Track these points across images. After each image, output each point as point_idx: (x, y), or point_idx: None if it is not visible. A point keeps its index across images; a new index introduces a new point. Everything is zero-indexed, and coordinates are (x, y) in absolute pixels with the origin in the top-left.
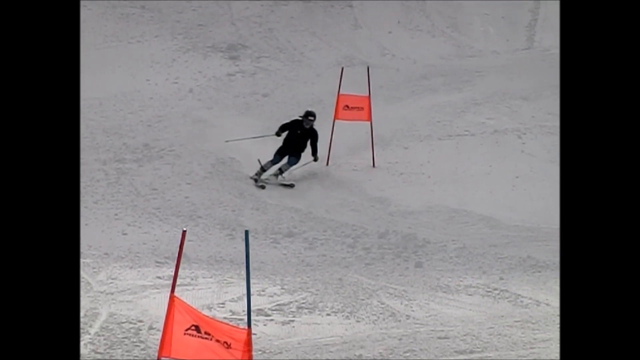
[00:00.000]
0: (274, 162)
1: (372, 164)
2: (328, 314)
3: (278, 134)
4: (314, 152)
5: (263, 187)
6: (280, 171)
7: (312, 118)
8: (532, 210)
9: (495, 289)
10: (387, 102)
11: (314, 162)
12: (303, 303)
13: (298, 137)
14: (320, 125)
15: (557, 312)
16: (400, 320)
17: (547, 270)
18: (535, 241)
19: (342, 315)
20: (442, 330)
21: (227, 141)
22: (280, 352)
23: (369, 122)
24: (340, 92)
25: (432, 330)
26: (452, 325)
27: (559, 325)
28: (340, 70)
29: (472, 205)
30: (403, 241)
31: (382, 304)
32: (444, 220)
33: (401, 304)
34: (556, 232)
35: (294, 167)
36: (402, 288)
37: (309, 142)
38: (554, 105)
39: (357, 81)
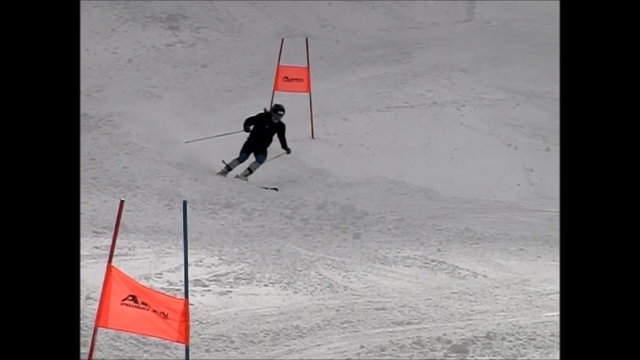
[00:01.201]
0: (240, 160)
1: (311, 136)
2: (266, 285)
3: (247, 129)
4: (284, 145)
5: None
6: (250, 171)
7: (281, 112)
8: (470, 182)
9: (433, 261)
10: (327, 73)
11: (286, 155)
12: (241, 274)
13: (265, 131)
14: (260, 96)
15: (495, 284)
16: (337, 292)
17: (485, 242)
18: (473, 213)
19: (280, 286)
20: (380, 302)
21: (187, 142)
22: (217, 323)
23: (308, 94)
24: (280, 64)
25: (370, 302)
26: (390, 297)
27: (496, 297)
28: (280, 42)
29: (411, 177)
30: (341, 212)
31: (320, 275)
32: (383, 192)
33: (339, 275)
34: (494, 203)
35: (263, 164)
36: (340, 259)
37: (274, 136)
38: (493, 78)
39: (296, 52)
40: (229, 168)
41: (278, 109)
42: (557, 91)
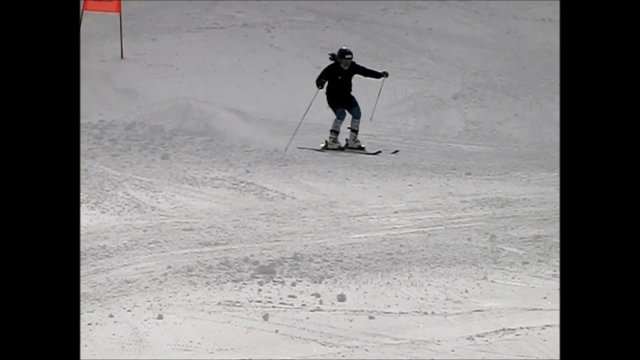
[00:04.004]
0: (340, 117)
1: (120, 56)
2: None
3: (321, 86)
4: (377, 74)
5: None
6: (355, 132)
7: (349, 56)
8: (279, 104)
9: (241, 182)
10: None
11: (387, 79)
12: None
13: (340, 82)
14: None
15: (303, 205)
16: (145, 212)
17: (294, 163)
18: (282, 135)
19: (87, 206)
20: (187, 222)
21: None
22: None
23: (118, 13)
24: None
25: (177, 222)
26: (198, 217)
27: (304, 219)
28: None
29: (221, 98)
30: (150, 133)
31: (128, 195)
32: (191, 112)
33: (147, 195)
34: (303, 125)
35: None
36: (148, 180)
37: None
38: (302, 1)
39: None
40: (336, 133)
41: (344, 53)
42: (367, 14)
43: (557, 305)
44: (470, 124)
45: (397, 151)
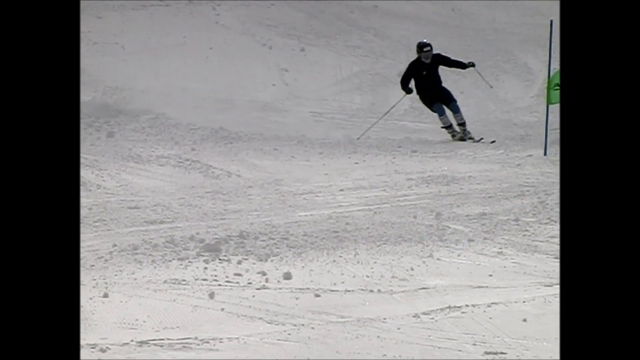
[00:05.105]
0: (441, 113)
1: None
2: None
3: (407, 90)
4: (462, 64)
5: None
6: (463, 125)
7: (427, 48)
8: (225, 81)
9: (187, 160)
10: None
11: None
12: None
13: (427, 77)
14: None
15: (248, 183)
16: (90, 190)
17: (239, 141)
18: (227, 112)
19: None
20: (133, 201)
21: (358, 138)
22: None
23: None
24: None
25: (123, 200)
26: (143, 196)
27: (249, 196)
28: None
29: (166, 77)
30: (95, 111)
31: None
32: (137, 92)
33: (92, 173)
34: (248, 103)
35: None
36: (93, 158)
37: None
38: None
39: None
40: (450, 126)
41: (422, 46)
42: None
43: (502, 283)
44: (416, 102)
45: (494, 141)
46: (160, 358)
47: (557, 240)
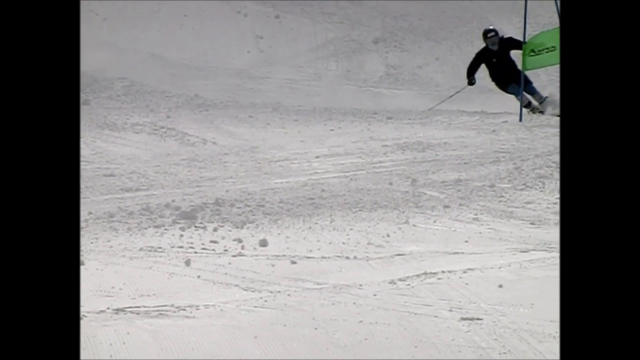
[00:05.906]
0: (517, 93)
1: None
2: None
3: (471, 81)
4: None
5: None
6: (541, 98)
7: (492, 34)
8: (200, 49)
9: (162, 127)
10: None
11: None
12: None
13: (498, 64)
14: None
15: (224, 150)
16: None
17: (215, 109)
18: (202, 80)
19: None
20: (108, 168)
21: (429, 109)
22: None
23: None
24: None
25: (98, 168)
26: (118, 163)
27: (225, 164)
28: None
29: (141, 43)
30: None
31: None
32: (112, 58)
33: None
34: (224, 70)
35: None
36: None
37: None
38: None
39: None
40: (529, 103)
41: (487, 33)
42: None
43: (478, 249)
44: (391, 68)
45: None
46: (137, 325)
47: (533, 206)
